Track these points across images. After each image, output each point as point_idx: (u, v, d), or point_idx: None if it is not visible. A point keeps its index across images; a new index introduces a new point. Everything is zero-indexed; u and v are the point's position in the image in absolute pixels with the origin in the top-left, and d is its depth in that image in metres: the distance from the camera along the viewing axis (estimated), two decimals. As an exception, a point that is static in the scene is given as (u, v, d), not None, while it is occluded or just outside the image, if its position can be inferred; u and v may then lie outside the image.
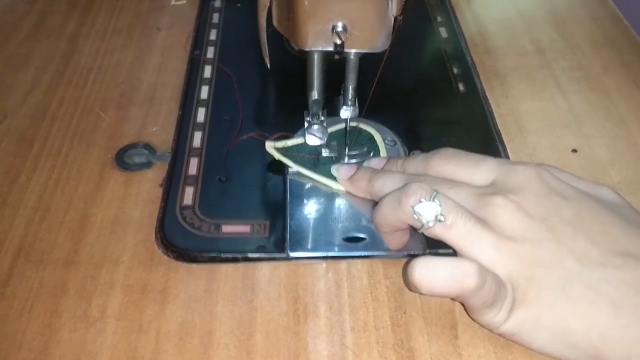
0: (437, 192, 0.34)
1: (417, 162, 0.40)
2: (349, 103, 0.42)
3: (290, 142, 0.46)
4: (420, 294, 0.34)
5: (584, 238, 0.33)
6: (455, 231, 0.34)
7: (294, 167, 0.44)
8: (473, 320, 0.36)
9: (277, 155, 0.45)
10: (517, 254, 0.33)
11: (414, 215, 0.34)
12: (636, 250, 0.33)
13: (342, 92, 0.42)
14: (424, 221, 0.34)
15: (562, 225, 0.34)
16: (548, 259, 0.33)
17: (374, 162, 0.43)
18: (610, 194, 0.37)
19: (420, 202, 0.34)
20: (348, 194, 0.43)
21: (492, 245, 0.33)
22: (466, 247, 0.34)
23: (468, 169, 0.37)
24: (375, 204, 0.39)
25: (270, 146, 0.46)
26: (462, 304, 0.37)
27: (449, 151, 0.39)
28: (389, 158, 0.43)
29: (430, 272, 0.32)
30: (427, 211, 0.34)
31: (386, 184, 0.39)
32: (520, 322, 0.33)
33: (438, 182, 0.37)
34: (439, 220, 0.33)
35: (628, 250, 0.33)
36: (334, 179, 0.43)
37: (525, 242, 0.33)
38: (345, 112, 0.43)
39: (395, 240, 0.40)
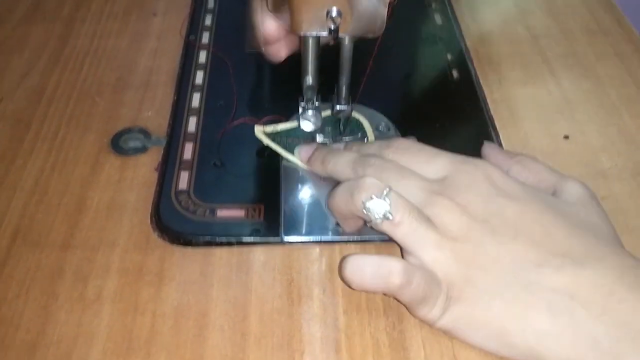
0: (389, 190, 0.35)
1: (372, 150, 0.40)
2: (343, 102, 0.43)
3: (280, 127, 0.46)
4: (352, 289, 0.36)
5: (524, 240, 0.34)
6: (400, 229, 0.35)
7: (282, 154, 0.45)
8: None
9: (266, 141, 0.45)
10: (457, 254, 0.34)
11: (364, 210, 0.35)
12: (575, 251, 0.33)
13: (335, 90, 0.43)
14: (373, 217, 0.35)
15: (503, 227, 0.34)
16: (487, 261, 0.34)
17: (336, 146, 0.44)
18: (573, 189, 0.38)
19: (371, 198, 0.35)
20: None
21: (434, 245, 0.34)
22: (410, 245, 0.35)
23: (420, 164, 0.38)
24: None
25: (259, 131, 0.46)
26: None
27: (403, 144, 0.40)
28: (346, 143, 0.44)
29: (359, 268, 0.34)
30: (376, 208, 0.35)
31: (337, 165, 0.40)
32: (455, 319, 0.34)
33: (389, 170, 0.37)
34: (387, 218, 0.34)
35: (567, 252, 0.33)
36: None
37: (466, 242, 0.34)
38: (340, 111, 0.43)
39: (349, 226, 0.40)
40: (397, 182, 0.36)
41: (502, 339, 0.33)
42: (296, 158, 0.44)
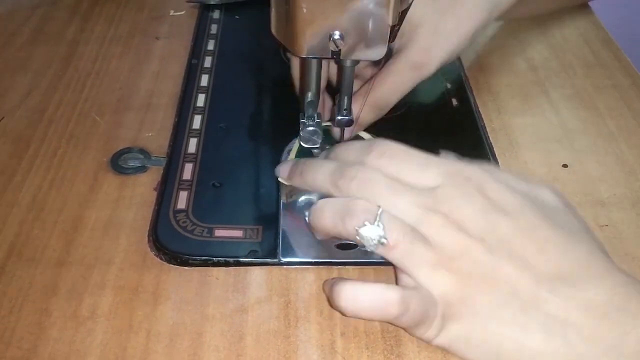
0: (382, 212, 0.34)
1: (353, 156, 0.38)
2: (344, 113, 0.43)
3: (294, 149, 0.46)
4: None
5: (518, 259, 0.33)
6: (395, 252, 0.34)
7: None
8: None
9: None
10: (453, 274, 0.34)
11: (357, 237, 0.34)
12: (568, 271, 0.33)
13: (336, 100, 0.43)
14: (367, 244, 0.34)
15: (499, 247, 0.34)
16: (483, 281, 0.33)
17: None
18: (550, 197, 0.37)
19: (364, 225, 0.34)
20: None
21: (430, 265, 0.34)
22: (406, 267, 0.34)
23: (409, 173, 0.36)
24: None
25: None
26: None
27: (388, 148, 0.37)
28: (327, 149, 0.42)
29: (354, 298, 0.34)
30: (370, 234, 0.34)
31: (316, 178, 0.38)
32: (452, 338, 0.34)
33: (375, 183, 0.36)
34: (382, 244, 0.34)
35: (560, 272, 0.33)
36: None
37: (462, 262, 0.34)
38: (340, 121, 0.43)
39: (324, 239, 0.40)
40: (387, 198, 0.35)
41: (498, 359, 0.33)
42: (277, 176, 0.42)
